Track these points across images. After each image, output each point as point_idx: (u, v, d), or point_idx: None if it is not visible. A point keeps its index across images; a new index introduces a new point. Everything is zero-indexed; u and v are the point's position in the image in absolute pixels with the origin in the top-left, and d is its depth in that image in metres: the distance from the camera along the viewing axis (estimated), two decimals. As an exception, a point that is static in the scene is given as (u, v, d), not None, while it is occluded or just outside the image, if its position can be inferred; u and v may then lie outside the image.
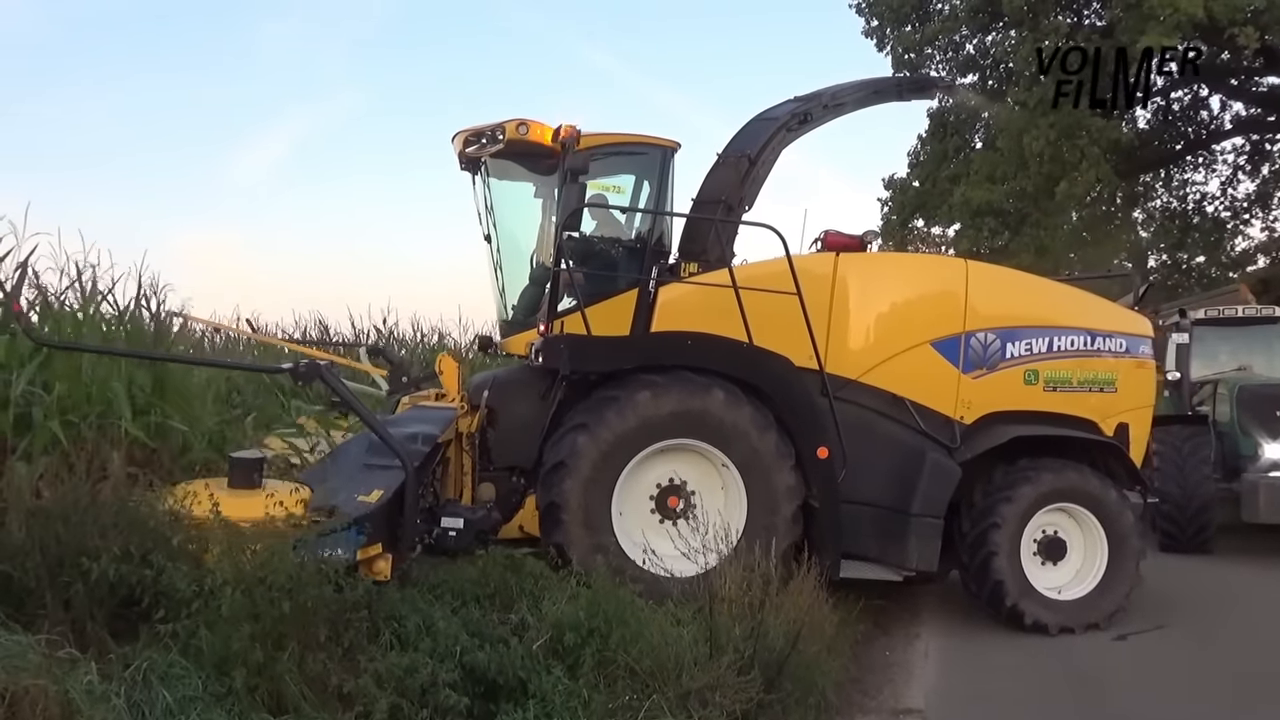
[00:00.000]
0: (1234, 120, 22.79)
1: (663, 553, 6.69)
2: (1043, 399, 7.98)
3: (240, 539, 4.59)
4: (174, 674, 4.08)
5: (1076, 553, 7.71)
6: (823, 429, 7.37)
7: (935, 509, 7.43)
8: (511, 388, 7.93)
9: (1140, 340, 8.33)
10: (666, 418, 7.06)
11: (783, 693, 5.24)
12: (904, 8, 20.66)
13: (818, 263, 7.91)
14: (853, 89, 9.40)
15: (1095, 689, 6.51)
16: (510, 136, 7.57)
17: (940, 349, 7.85)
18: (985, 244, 19.79)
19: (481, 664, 4.72)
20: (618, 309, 7.66)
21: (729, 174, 8.40)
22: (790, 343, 7.37)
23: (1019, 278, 8.71)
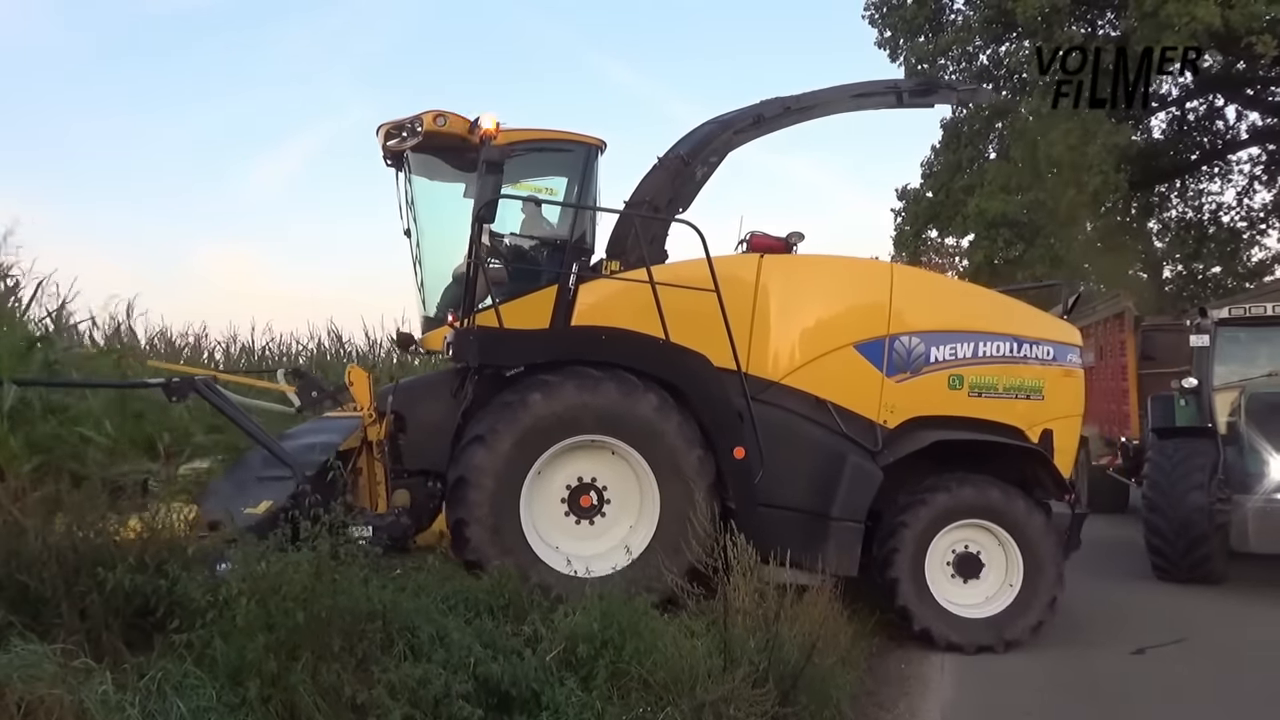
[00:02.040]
0: (1250, 130, 22.70)
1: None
2: (968, 404, 7.89)
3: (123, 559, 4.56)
4: (188, 684, 4.08)
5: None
6: (740, 429, 7.29)
7: (856, 513, 7.38)
8: (418, 390, 7.95)
9: (1068, 348, 8.25)
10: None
11: (798, 706, 5.21)
12: (917, 19, 20.69)
13: (741, 264, 7.89)
14: (827, 93, 9.28)
15: (1113, 703, 6.45)
16: (428, 128, 7.48)
17: (864, 352, 7.78)
18: (1000, 255, 19.71)
19: (495, 675, 4.70)
20: (537, 307, 7.56)
21: (660, 175, 8.38)
22: (713, 344, 7.31)
23: (944, 282, 8.70)
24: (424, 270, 8.17)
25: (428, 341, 8.20)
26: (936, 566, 7.47)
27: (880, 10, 21.33)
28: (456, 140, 7.51)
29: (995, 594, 7.52)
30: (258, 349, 13.81)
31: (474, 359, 7.14)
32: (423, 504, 7.21)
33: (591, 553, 6.89)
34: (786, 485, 7.42)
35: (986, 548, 7.57)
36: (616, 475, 7.20)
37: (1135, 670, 7.12)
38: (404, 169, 8.02)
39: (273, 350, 13.91)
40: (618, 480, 7.19)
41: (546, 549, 6.90)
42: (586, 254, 7.99)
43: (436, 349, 7.99)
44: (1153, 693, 6.61)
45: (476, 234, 7.19)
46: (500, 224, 7.70)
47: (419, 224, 8.08)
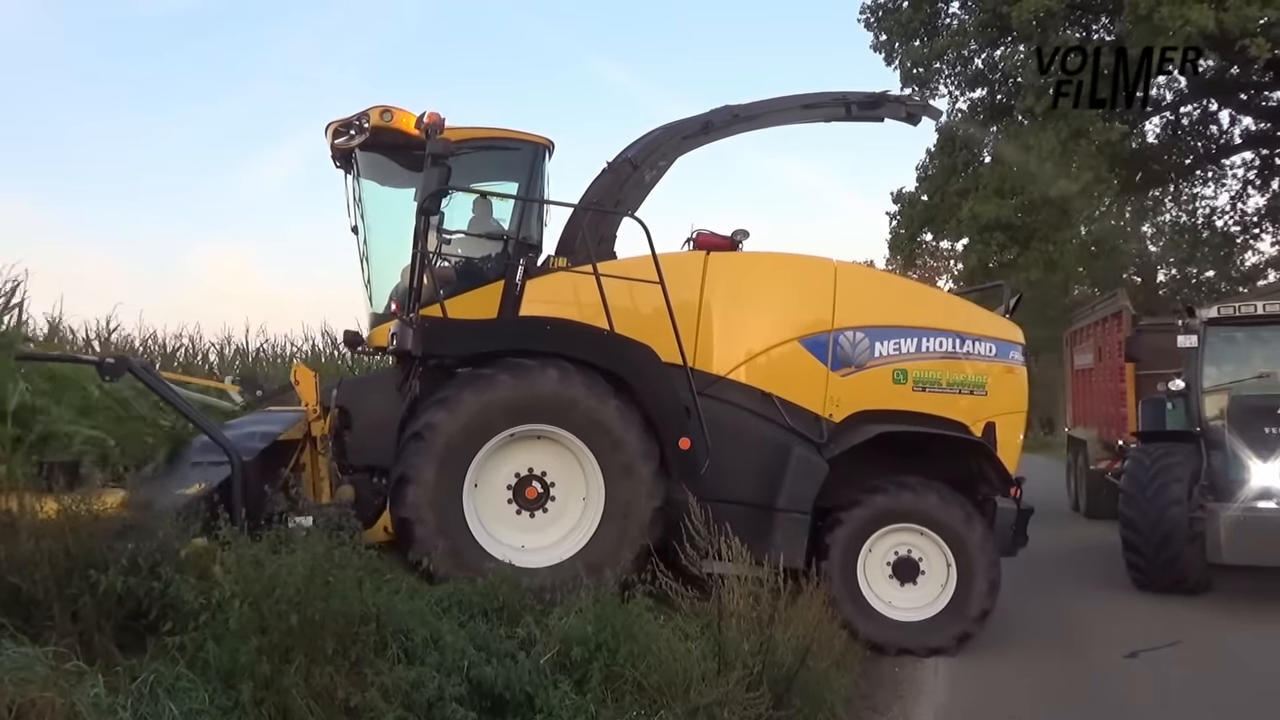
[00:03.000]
0: (1243, 135, 22.74)
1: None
2: (912, 399, 8.00)
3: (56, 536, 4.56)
4: (181, 687, 4.06)
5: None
6: (685, 420, 7.32)
7: (801, 504, 7.44)
8: (363, 385, 7.95)
9: (1010, 345, 8.36)
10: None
11: (792, 709, 5.21)
12: (912, 23, 20.69)
13: (688, 261, 7.98)
14: (777, 102, 9.38)
15: (1106, 706, 6.45)
16: (375, 123, 7.51)
17: (809, 347, 7.91)
18: (994, 258, 19.72)
19: (488, 678, 4.70)
20: (483, 303, 7.60)
21: (608, 178, 8.49)
22: (660, 341, 7.38)
23: (888, 279, 8.80)
24: (371, 267, 8.18)
25: (374, 338, 8.18)
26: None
27: (876, 14, 21.34)
28: (403, 136, 7.52)
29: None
30: (251, 350, 13.77)
31: (417, 349, 7.10)
32: (367, 500, 7.11)
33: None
34: (733, 478, 7.46)
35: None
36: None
37: (1129, 673, 7.14)
38: (352, 168, 8.01)
39: (266, 352, 13.86)
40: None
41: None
42: (534, 251, 8.04)
43: (382, 344, 7.92)
44: (1146, 696, 6.62)
45: (422, 226, 7.24)
46: (448, 222, 7.72)
47: (366, 221, 8.09)
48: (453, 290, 7.52)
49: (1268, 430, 9.22)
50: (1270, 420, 9.26)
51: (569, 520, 7.13)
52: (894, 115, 10.11)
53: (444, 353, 7.24)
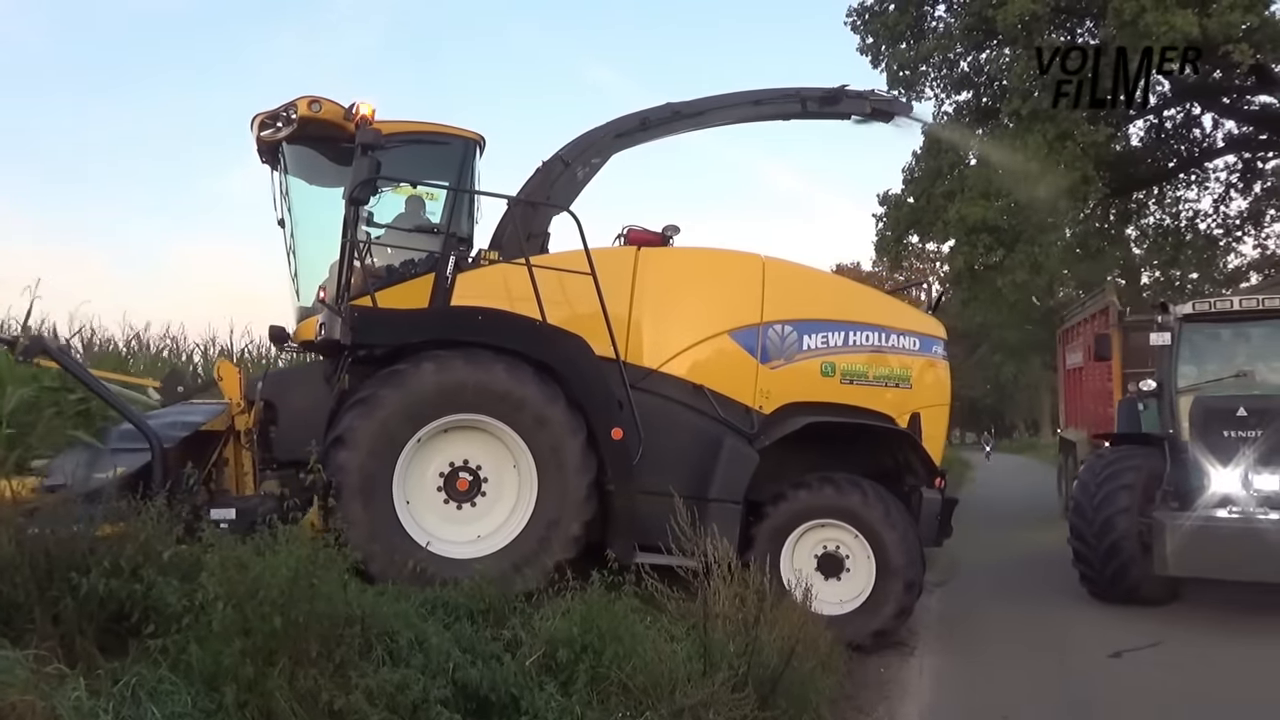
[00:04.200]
0: (1226, 138, 22.88)
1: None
2: (840, 391, 8.17)
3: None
4: (163, 690, 4.05)
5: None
6: (618, 411, 7.39)
7: (733, 493, 7.55)
8: (289, 379, 7.91)
9: (933, 340, 8.59)
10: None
11: (777, 710, 5.21)
12: (899, 25, 20.73)
13: (619, 256, 8.07)
14: (726, 99, 9.41)
15: (1090, 706, 6.49)
16: (303, 114, 7.47)
17: (739, 339, 8.04)
18: (980, 260, 19.80)
19: (473, 680, 4.69)
20: (413, 295, 7.58)
21: (539, 176, 8.60)
22: (592, 337, 7.47)
23: (815, 274, 8.88)
24: (298, 260, 8.12)
25: (301, 333, 8.13)
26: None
27: (862, 17, 21.39)
28: (332, 128, 7.48)
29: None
30: (236, 350, 13.70)
31: (347, 338, 7.05)
32: (294, 495, 6.97)
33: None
34: (666, 470, 7.52)
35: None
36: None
37: (1112, 673, 7.18)
38: (279, 163, 7.95)
39: (251, 352, 13.79)
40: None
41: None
42: (465, 245, 8.06)
43: (311, 339, 7.86)
44: (1129, 696, 6.66)
45: (351, 216, 7.21)
46: (381, 212, 7.72)
47: (293, 214, 8.05)
48: (383, 283, 7.49)
49: (1227, 434, 8.78)
50: (1230, 423, 8.81)
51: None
52: (857, 112, 10.10)
53: (374, 342, 7.20)
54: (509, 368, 7.07)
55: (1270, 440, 8.59)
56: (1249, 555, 8.02)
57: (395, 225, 7.92)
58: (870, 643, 7.50)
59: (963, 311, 39.54)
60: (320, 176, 8.07)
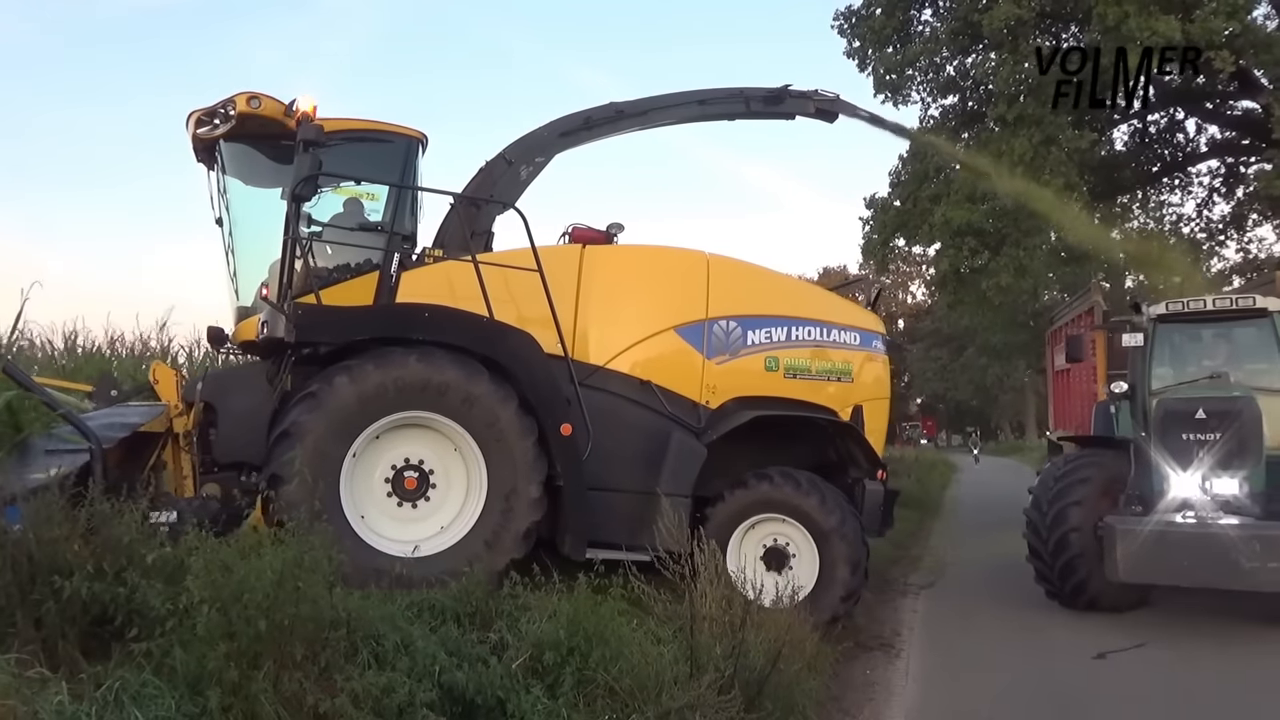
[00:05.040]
0: (1209, 143, 23.08)
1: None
2: (784, 385, 8.32)
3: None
4: (147, 694, 4.01)
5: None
6: (565, 406, 7.40)
7: (682, 488, 7.61)
8: (230, 379, 7.80)
9: (873, 335, 8.81)
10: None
11: (763, 712, 5.22)
12: (885, 29, 20.81)
13: (564, 254, 8.12)
14: (669, 98, 9.48)
15: (1075, 707, 6.51)
16: (241, 110, 7.37)
17: (684, 335, 8.15)
18: (966, 264, 19.88)
19: (460, 684, 4.67)
20: (357, 294, 7.55)
21: (483, 175, 8.65)
22: (540, 333, 7.49)
23: (758, 271, 8.89)
24: (236, 259, 8.03)
25: (241, 333, 8.03)
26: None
27: (849, 21, 21.47)
28: (272, 125, 7.40)
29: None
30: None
31: (290, 336, 6.96)
32: (236, 497, 6.91)
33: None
34: (615, 467, 7.60)
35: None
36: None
37: (1097, 675, 7.21)
38: (216, 161, 7.83)
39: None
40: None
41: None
42: (408, 242, 8.03)
43: (251, 338, 7.74)
44: (1114, 697, 6.69)
45: (293, 213, 7.13)
46: (320, 213, 7.63)
47: (231, 213, 7.95)
48: (326, 281, 7.44)
49: (1186, 437, 8.52)
50: (1189, 426, 8.57)
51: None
52: (801, 111, 10.22)
53: (319, 340, 7.13)
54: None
55: (1229, 443, 8.41)
56: (1199, 561, 7.85)
57: (338, 224, 7.83)
58: (824, 630, 7.45)
59: (948, 315, 39.79)
60: (259, 175, 7.97)
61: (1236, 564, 7.65)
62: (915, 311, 64.58)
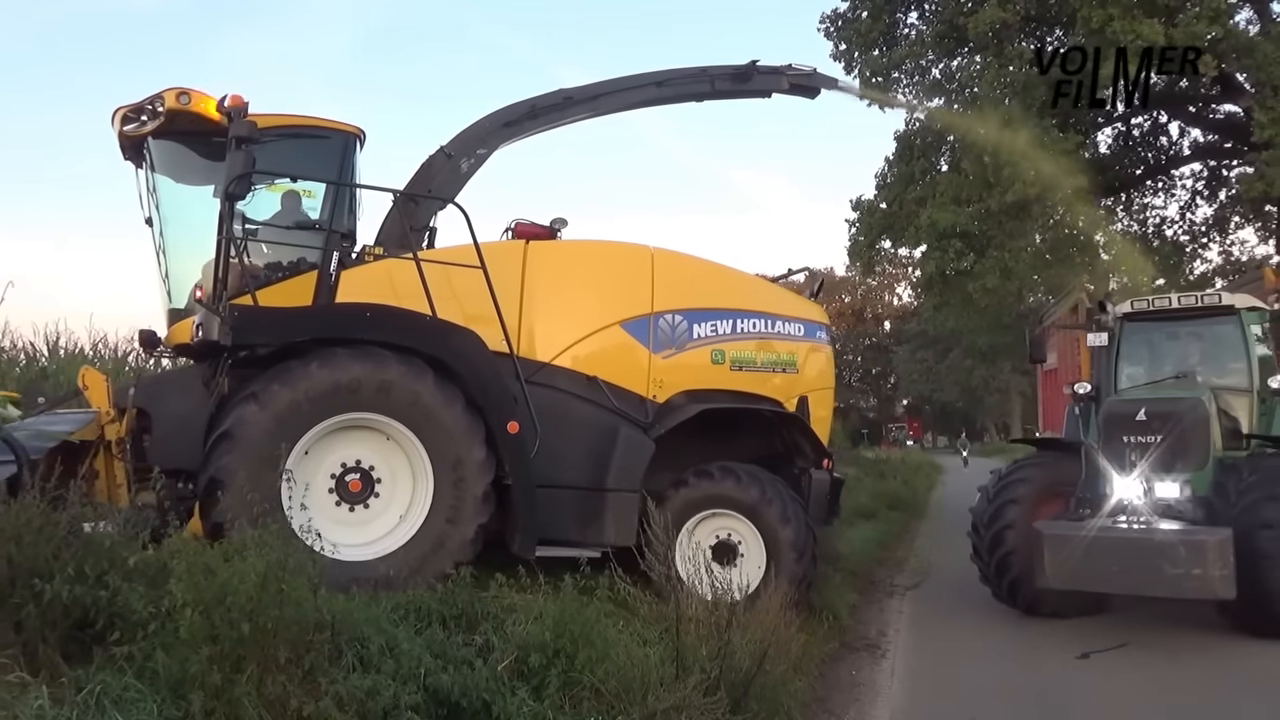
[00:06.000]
0: (1192, 146, 23.26)
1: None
2: (730, 378, 8.37)
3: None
4: (128, 698, 3.98)
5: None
6: (513, 404, 7.35)
7: (631, 482, 7.62)
8: (164, 383, 7.62)
9: (817, 326, 8.92)
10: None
11: (749, 713, 5.22)
12: (872, 32, 20.91)
13: (508, 250, 8.07)
14: (625, 81, 9.41)
15: (1059, 707, 6.55)
16: (171, 106, 7.14)
17: (630, 330, 8.15)
18: (951, 266, 19.96)
19: (445, 686, 4.65)
20: (294, 294, 7.41)
21: (422, 170, 8.58)
22: (484, 331, 7.42)
23: (702, 264, 8.88)
24: (168, 260, 7.84)
25: (174, 336, 7.84)
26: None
27: (836, 24, 21.56)
28: (203, 121, 7.19)
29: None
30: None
31: (226, 339, 6.72)
32: (174, 506, 6.46)
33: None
34: (563, 463, 7.57)
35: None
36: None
37: (1081, 675, 7.24)
38: (144, 160, 7.65)
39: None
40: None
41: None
42: (348, 241, 7.89)
43: (185, 341, 7.49)
44: (1098, 696, 6.72)
45: (228, 211, 6.97)
46: (255, 211, 7.47)
47: (162, 212, 7.77)
48: (263, 281, 7.30)
49: (1126, 439, 8.39)
50: (1130, 428, 8.44)
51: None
52: (775, 88, 10.09)
53: (256, 342, 6.94)
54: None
55: (1170, 446, 8.23)
56: (1125, 567, 7.63)
57: (274, 222, 7.68)
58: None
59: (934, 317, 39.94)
60: (189, 173, 7.78)
61: (1161, 570, 7.39)
62: (901, 313, 64.85)
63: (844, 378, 70.84)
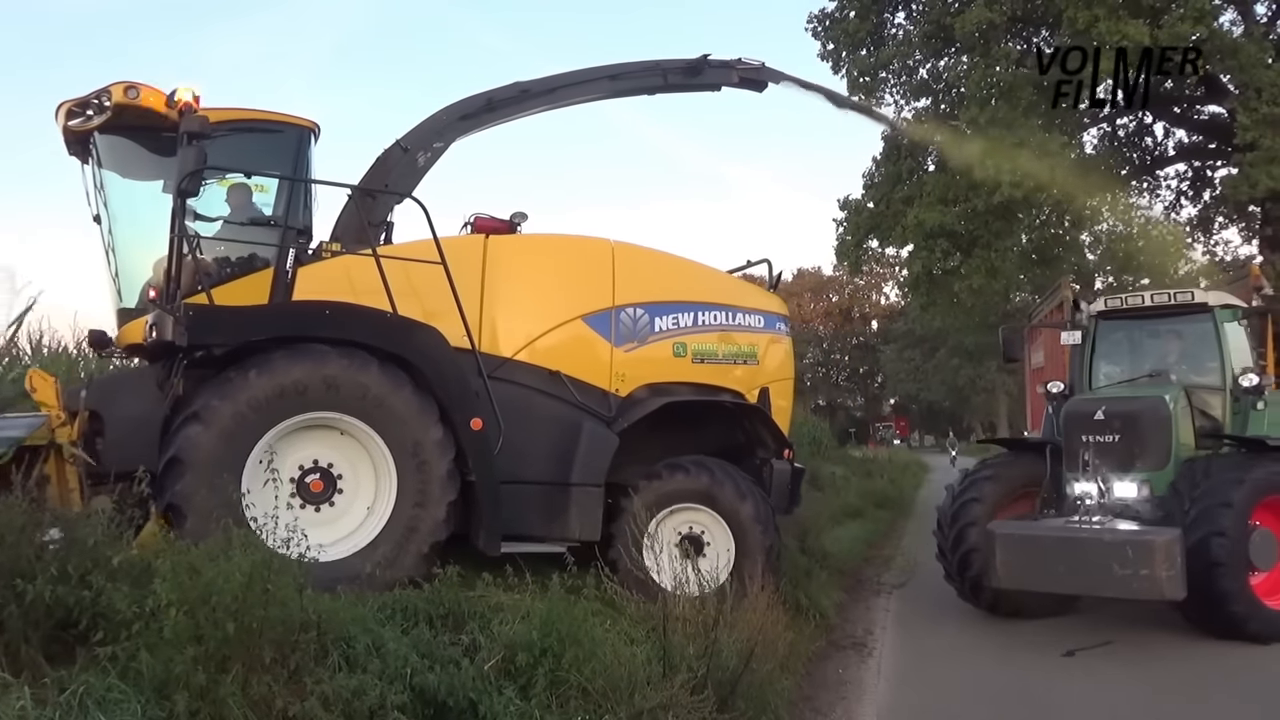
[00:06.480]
0: (1177, 147, 23.43)
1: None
2: (692, 371, 8.40)
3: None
4: (112, 698, 3.96)
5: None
6: (475, 400, 7.31)
7: (594, 477, 7.64)
8: (117, 384, 7.44)
9: (776, 318, 8.97)
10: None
11: (736, 712, 5.23)
12: (859, 32, 20.99)
13: (467, 245, 8.02)
14: (579, 74, 9.40)
15: (1045, 704, 6.58)
16: (118, 100, 6.97)
17: (592, 324, 8.14)
18: (938, 265, 20.04)
19: (431, 686, 4.64)
20: (250, 292, 7.29)
21: (378, 164, 8.51)
22: (446, 327, 7.35)
23: (663, 257, 8.89)
24: (118, 258, 7.66)
25: (125, 336, 7.66)
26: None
27: (823, 24, 21.63)
28: (151, 116, 7.06)
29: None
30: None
31: (181, 339, 6.54)
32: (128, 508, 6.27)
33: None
34: (527, 459, 7.54)
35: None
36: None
37: (1066, 672, 7.27)
38: (90, 155, 7.49)
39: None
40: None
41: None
42: (304, 237, 7.79)
43: (137, 341, 7.26)
44: (1082, 693, 6.76)
45: (179, 208, 6.85)
46: (205, 207, 7.36)
47: (110, 209, 7.60)
48: (217, 279, 7.16)
49: (1085, 439, 8.35)
50: (1088, 428, 8.42)
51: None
52: (725, 81, 10.11)
53: (212, 342, 6.77)
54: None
55: (1128, 446, 8.27)
56: (1073, 567, 7.59)
57: (228, 219, 7.56)
58: None
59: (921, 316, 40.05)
60: (138, 169, 7.63)
61: (1109, 570, 7.33)
62: (889, 313, 65.03)
63: (831, 377, 71.08)
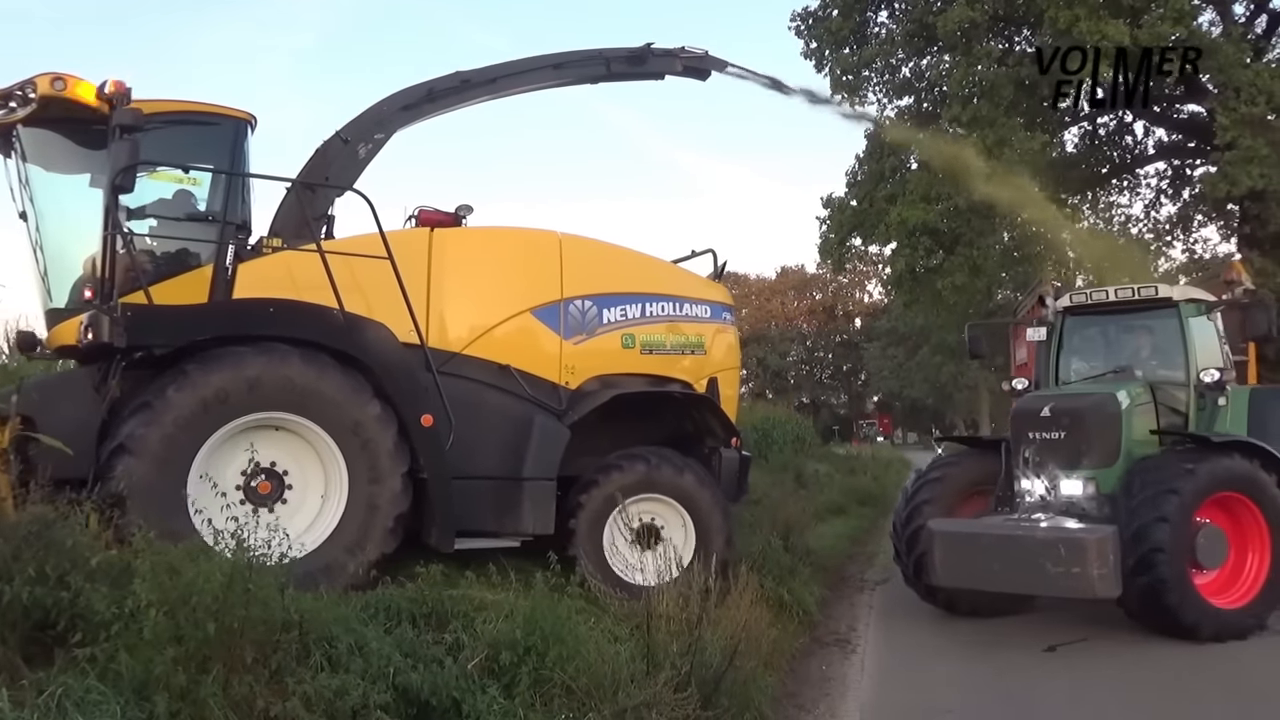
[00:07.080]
0: (1156, 146, 23.59)
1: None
2: (641, 362, 8.47)
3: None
4: (91, 700, 3.92)
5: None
6: (425, 396, 7.27)
7: (547, 471, 7.64)
8: (51, 388, 7.16)
9: (722, 308, 9.08)
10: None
11: (719, 709, 5.24)
12: (842, 31, 21.04)
13: (412, 238, 7.95)
14: (520, 64, 9.36)
15: (1026, 699, 6.62)
16: (44, 93, 6.70)
17: (541, 317, 8.14)
18: (921, 263, 20.11)
19: (414, 685, 4.63)
20: (188, 290, 7.09)
21: (318, 156, 8.40)
22: (393, 322, 7.31)
23: (610, 249, 8.89)
24: (46, 257, 7.41)
25: (56, 337, 7.45)
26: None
27: (806, 22, 21.68)
28: (80, 108, 6.82)
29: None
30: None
31: (119, 340, 6.37)
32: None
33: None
34: (478, 454, 7.52)
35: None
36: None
37: (1046, 667, 7.32)
38: (14, 150, 7.27)
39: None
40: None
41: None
42: (243, 233, 7.62)
43: (70, 342, 7.03)
44: (1063, 687, 6.81)
45: (113, 204, 6.68)
46: (136, 201, 7.12)
47: (37, 206, 7.36)
48: (153, 277, 6.96)
49: (1031, 436, 8.37)
50: (1034, 425, 8.40)
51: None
52: (669, 70, 10.11)
53: (152, 343, 6.59)
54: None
55: (1073, 443, 8.23)
56: (1007, 565, 7.62)
57: (164, 214, 7.36)
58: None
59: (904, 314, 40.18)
60: (64, 163, 7.42)
61: (1043, 569, 7.34)
62: (872, 310, 65.20)
63: (815, 375, 71.23)
